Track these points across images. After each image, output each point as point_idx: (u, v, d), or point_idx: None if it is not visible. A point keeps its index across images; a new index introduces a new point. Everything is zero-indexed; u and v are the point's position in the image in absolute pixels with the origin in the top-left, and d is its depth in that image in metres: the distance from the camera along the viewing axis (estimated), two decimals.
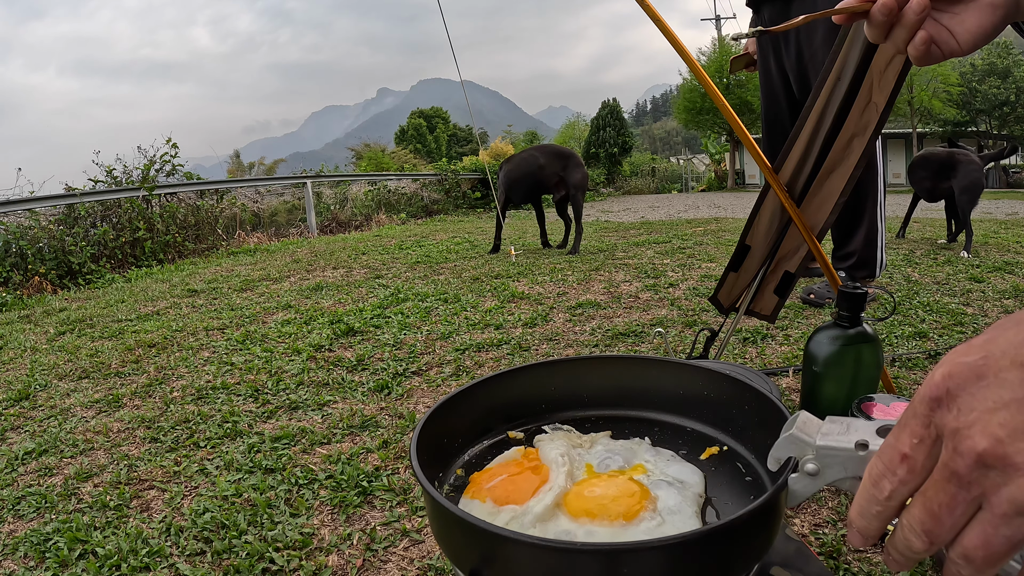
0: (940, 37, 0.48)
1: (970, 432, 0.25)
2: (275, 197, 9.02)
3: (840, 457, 0.36)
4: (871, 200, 2.21)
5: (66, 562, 1.01)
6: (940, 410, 0.27)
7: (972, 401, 0.26)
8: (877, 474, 0.30)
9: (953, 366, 0.27)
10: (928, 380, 0.28)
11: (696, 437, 0.64)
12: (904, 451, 0.28)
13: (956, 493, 0.27)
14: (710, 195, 13.72)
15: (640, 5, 1.15)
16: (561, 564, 0.40)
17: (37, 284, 4.52)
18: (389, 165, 21.60)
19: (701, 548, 0.40)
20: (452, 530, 0.47)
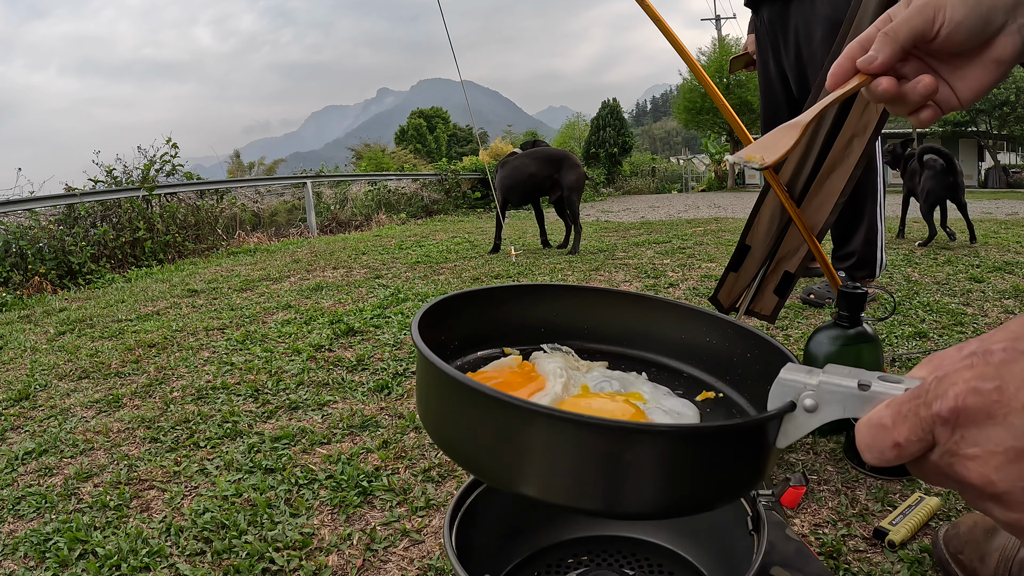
0: (941, 96, 0.46)
1: (968, 464, 0.27)
2: (275, 197, 9.03)
3: (840, 394, 0.36)
4: (871, 200, 2.21)
5: (66, 562, 1.01)
6: (943, 428, 0.28)
7: (977, 437, 0.27)
8: (865, 445, 0.31)
9: (969, 395, 0.27)
10: (941, 390, 0.28)
11: (693, 381, 0.63)
12: (898, 440, 0.30)
13: (944, 482, 0.30)
14: (710, 195, 13.72)
15: (640, 5, 1.15)
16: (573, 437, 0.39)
17: (37, 284, 4.52)
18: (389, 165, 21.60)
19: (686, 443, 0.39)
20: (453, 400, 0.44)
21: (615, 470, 0.39)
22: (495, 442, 0.42)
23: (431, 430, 0.48)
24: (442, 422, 0.47)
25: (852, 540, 0.94)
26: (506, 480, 0.42)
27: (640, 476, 0.39)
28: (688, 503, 0.42)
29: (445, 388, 0.45)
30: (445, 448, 0.47)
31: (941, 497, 1.02)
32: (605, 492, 0.39)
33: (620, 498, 0.39)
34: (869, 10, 1.08)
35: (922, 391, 0.29)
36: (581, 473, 0.40)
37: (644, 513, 0.42)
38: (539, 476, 0.41)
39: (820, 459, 1.18)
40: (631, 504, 0.40)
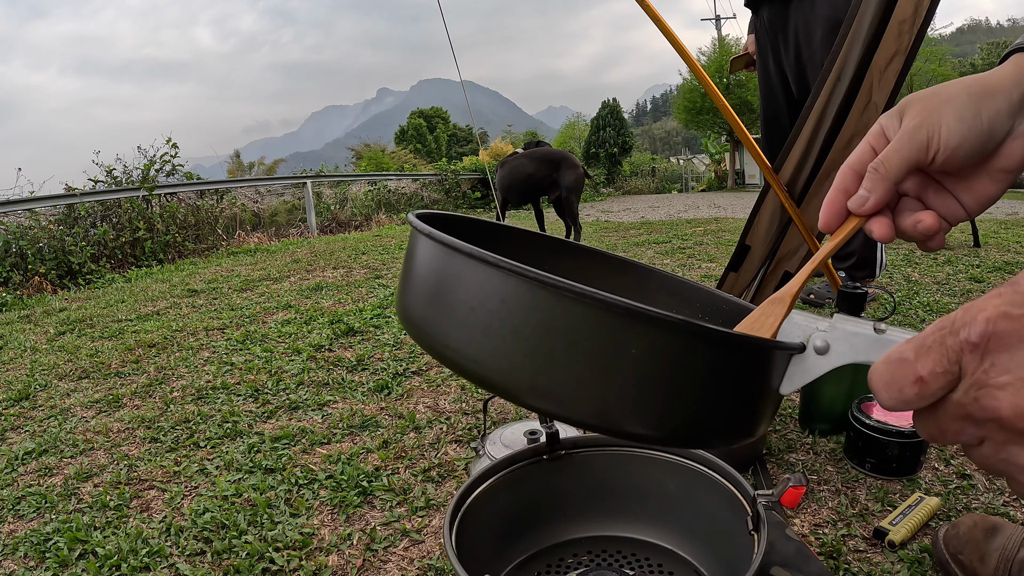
0: (947, 211, 0.42)
1: (997, 394, 0.25)
2: (275, 197, 9.03)
3: (853, 336, 0.34)
4: None
5: (66, 562, 1.01)
6: (971, 355, 0.26)
7: (1009, 364, 0.25)
8: (884, 383, 0.29)
9: (1000, 320, 0.25)
10: (969, 317, 0.26)
11: None
12: (921, 374, 0.27)
13: (966, 428, 0.27)
14: (710, 195, 13.72)
15: (640, 5, 1.15)
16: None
17: (37, 284, 4.52)
18: (389, 165, 21.60)
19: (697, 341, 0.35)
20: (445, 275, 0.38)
21: (617, 365, 0.34)
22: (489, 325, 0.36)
23: (413, 326, 0.41)
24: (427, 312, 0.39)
25: (852, 540, 0.94)
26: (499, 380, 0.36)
27: (641, 377, 0.34)
28: (684, 427, 0.37)
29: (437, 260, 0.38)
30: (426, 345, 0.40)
31: (941, 497, 1.02)
32: (601, 395, 0.35)
33: (616, 406, 0.35)
34: (869, 10, 1.08)
35: (947, 322, 0.27)
36: (579, 368, 0.34)
37: (638, 431, 0.36)
38: (539, 373, 0.35)
39: (820, 459, 1.18)
40: (626, 415, 0.35)
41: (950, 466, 1.13)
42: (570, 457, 0.76)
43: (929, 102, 0.39)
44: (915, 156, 0.39)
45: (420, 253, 0.41)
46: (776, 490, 0.62)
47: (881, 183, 0.40)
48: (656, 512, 0.75)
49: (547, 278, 0.34)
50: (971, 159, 0.39)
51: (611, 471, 0.76)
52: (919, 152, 0.39)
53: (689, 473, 0.72)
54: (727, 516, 0.67)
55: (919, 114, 0.39)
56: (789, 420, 1.34)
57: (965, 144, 0.38)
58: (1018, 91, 0.38)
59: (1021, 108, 0.38)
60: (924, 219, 0.41)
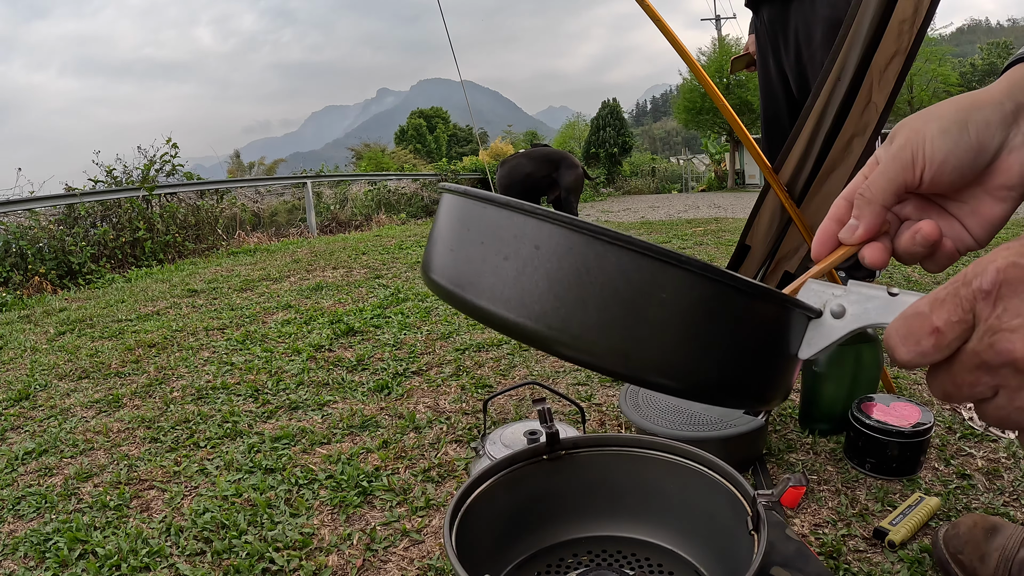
0: (952, 233, 0.40)
1: (1011, 337, 0.26)
2: (275, 197, 9.02)
3: (868, 298, 0.34)
4: None
5: (66, 562, 1.01)
6: (984, 302, 0.27)
7: (1021, 307, 0.26)
8: (900, 337, 0.29)
9: (1010, 268, 0.26)
10: (980, 268, 0.27)
11: None
12: (937, 324, 0.28)
13: (981, 377, 0.28)
14: (710, 195, 13.72)
15: (640, 5, 1.15)
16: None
17: (37, 284, 4.52)
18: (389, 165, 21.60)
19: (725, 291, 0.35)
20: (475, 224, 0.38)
21: (647, 310, 0.34)
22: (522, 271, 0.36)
23: (444, 283, 0.41)
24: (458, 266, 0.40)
25: (852, 540, 0.94)
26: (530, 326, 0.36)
27: (669, 322, 0.35)
28: (705, 380, 0.37)
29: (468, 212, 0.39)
30: (457, 300, 0.40)
31: (941, 497, 1.02)
32: (629, 340, 0.35)
33: (642, 352, 0.35)
34: (869, 10, 1.08)
35: (959, 276, 0.28)
36: (610, 312, 0.34)
37: (660, 380, 0.36)
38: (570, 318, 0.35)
39: (820, 459, 1.18)
40: (651, 362, 0.35)
41: (950, 466, 1.13)
42: (570, 457, 0.76)
43: (915, 122, 0.38)
44: (901, 176, 0.37)
45: (453, 212, 0.42)
46: (776, 490, 0.62)
47: (868, 208, 0.38)
48: (656, 512, 0.75)
49: (583, 223, 0.34)
50: (962, 175, 0.37)
51: (611, 471, 0.76)
52: (904, 171, 0.37)
53: (689, 473, 0.72)
54: (727, 516, 0.67)
55: (905, 135, 0.38)
56: (789, 420, 1.34)
57: (951, 159, 0.36)
58: (1011, 103, 0.36)
59: (1015, 119, 0.36)
60: (922, 227, 0.38)
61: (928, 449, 1.14)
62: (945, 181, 0.37)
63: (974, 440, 1.23)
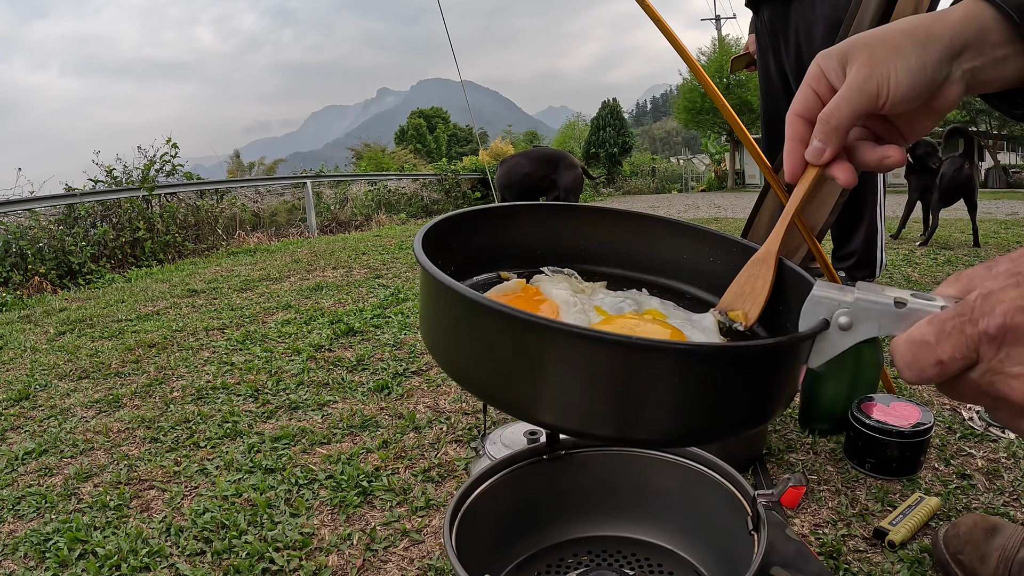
0: (887, 134, 0.46)
1: (1011, 382, 0.28)
2: (275, 197, 9.02)
3: (876, 311, 0.35)
4: (871, 200, 2.21)
5: (66, 562, 1.01)
6: (989, 345, 0.28)
7: (1023, 356, 0.27)
8: (906, 362, 0.31)
9: (1017, 313, 0.27)
10: (988, 308, 0.28)
11: (696, 302, 0.59)
12: (941, 358, 0.29)
13: (981, 400, 0.30)
14: (710, 195, 13.71)
15: (641, 6, 1.15)
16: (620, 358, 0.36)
17: (37, 284, 4.51)
18: (389, 165, 21.60)
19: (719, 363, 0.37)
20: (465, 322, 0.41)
21: (649, 392, 0.36)
22: (512, 365, 0.39)
23: (439, 357, 0.45)
24: (453, 347, 0.43)
25: (852, 540, 0.94)
26: (525, 407, 0.39)
27: (669, 399, 0.37)
28: (719, 428, 0.40)
29: (456, 308, 0.41)
30: (454, 375, 0.44)
31: (941, 497, 1.02)
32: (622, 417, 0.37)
33: (638, 426, 0.38)
34: (869, 10, 1.08)
35: (966, 308, 0.29)
36: (620, 397, 0.37)
37: (661, 440, 0.39)
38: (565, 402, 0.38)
39: (820, 459, 1.18)
40: (650, 432, 0.38)
41: (950, 466, 1.13)
42: (570, 457, 0.76)
43: (876, 51, 0.41)
44: (865, 106, 0.42)
45: (431, 296, 0.45)
46: (776, 490, 0.62)
47: (835, 134, 0.42)
48: (656, 512, 0.75)
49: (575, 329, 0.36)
50: (914, 105, 0.42)
51: (611, 471, 0.76)
52: (870, 103, 0.41)
53: (689, 473, 0.72)
54: (727, 516, 0.67)
55: (867, 64, 0.41)
56: (789, 420, 1.34)
57: (911, 93, 0.41)
58: (959, 41, 0.40)
59: (956, 55, 0.41)
60: (892, 155, 0.44)
61: (928, 449, 1.14)
62: (899, 109, 0.42)
63: (974, 440, 1.23)
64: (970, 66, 0.41)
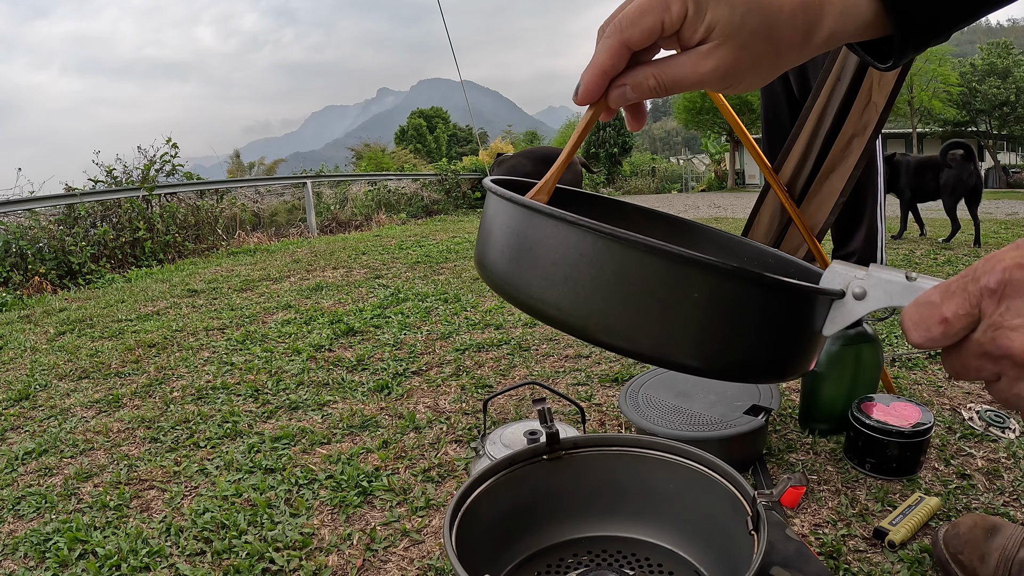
0: None
1: (1010, 335, 0.29)
2: (275, 197, 9.02)
3: (887, 282, 0.37)
4: (871, 200, 2.21)
5: (66, 562, 1.01)
6: (990, 299, 0.29)
7: (1022, 308, 0.28)
8: (912, 323, 0.32)
9: (1016, 269, 0.29)
10: (989, 266, 0.29)
11: None
12: (946, 315, 0.31)
13: (984, 364, 0.31)
14: (710, 195, 13.72)
15: None
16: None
17: (37, 284, 4.51)
18: (389, 165, 21.60)
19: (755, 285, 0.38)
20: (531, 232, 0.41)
21: (681, 307, 0.38)
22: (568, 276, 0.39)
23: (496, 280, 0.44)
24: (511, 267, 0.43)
25: (852, 540, 0.94)
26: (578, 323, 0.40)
27: (702, 318, 0.38)
28: (737, 363, 0.41)
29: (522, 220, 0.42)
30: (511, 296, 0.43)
31: (941, 497, 1.02)
32: (666, 333, 0.39)
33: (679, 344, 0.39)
34: None
35: (970, 271, 0.30)
36: (648, 311, 0.38)
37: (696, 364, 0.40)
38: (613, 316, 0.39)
39: (820, 459, 1.18)
40: (686, 352, 0.39)
41: (950, 466, 1.13)
42: (570, 457, 0.76)
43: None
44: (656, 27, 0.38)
45: (502, 216, 0.45)
46: (776, 490, 0.62)
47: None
48: (656, 512, 0.75)
49: (622, 234, 0.38)
50: None
51: (611, 471, 0.76)
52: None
53: (689, 473, 0.72)
54: (727, 516, 0.67)
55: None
56: (789, 420, 1.34)
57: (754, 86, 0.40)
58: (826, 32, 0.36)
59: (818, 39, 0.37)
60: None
61: (928, 449, 1.14)
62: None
63: (974, 440, 1.23)
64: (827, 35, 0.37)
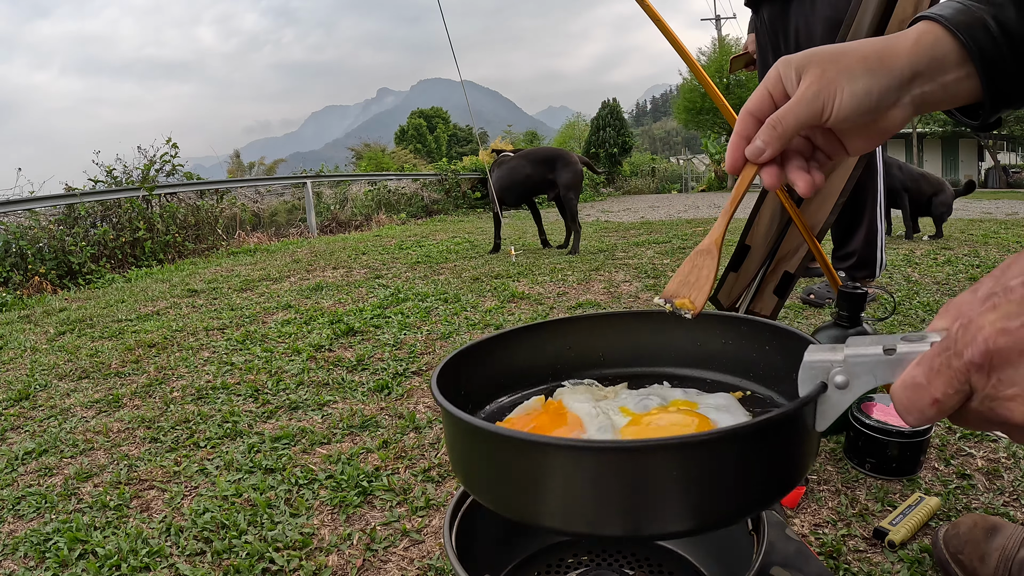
0: (830, 148, 0.48)
1: (1008, 405, 0.28)
2: (275, 197, 9.02)
3: (868, 364, 0.36)
4: (871, 200, 2.21)
5: (66, 562, 1.01)
6: (978, 375, 0.28)
7: (1014, 377, 0.27)
8: (904, 408, 0.31)
9: (999, 336, 0.27)
10: (969, 337, 0.28)
11: (717, 386, 0.62)
12: (936, 396, 0.30)
13: (988, 425, 0.30)
14: (710, 195, 13.72)
15: (641, 6, 1.15)
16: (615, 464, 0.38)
17: (37, 284, 4.51)
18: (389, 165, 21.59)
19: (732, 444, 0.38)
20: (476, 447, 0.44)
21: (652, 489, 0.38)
22: (522, 483, 0.42)
23: (461, 476, 0.49)
24: (470, 469, 0.47)
25: (852, 540, 0.94)
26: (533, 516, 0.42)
27: (674, 492, 0.38)
28: (738, 509, 0.41)
29: (467, 437, 0.46)
30: (474, 492, 0.48)
31: (941, 497, 1.02)
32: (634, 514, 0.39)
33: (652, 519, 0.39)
34: (869, 10, 1.08)
35: (950, 342, 0.29)
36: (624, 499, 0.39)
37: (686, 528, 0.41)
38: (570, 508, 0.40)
39: (820, 459, 1.18)
40: (670, 522, 0.39)
41: (950, 466, 1.13)
42: None
43: (828, 70, 0.43)
44: (810, 120, 0.44)
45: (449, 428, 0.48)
46: None
47: (777, 140, 0.45)
48: None
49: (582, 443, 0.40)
50: (858, 126, 0.44)
51: None
52: (814, 117, 0.43)
53: None
54: None
55: (817, 81, 0.43)
56: None
57: (854, 115, 0.43)
58: (910, 70, 0.42)
59: (907, 83, 0.42)
60: (817, 183, 0.47)
61: (928, 449, 1.14)
62: (842, 127, 0.44)
63: (974, 440, 1.23)
64: (919, 92, 0.42)
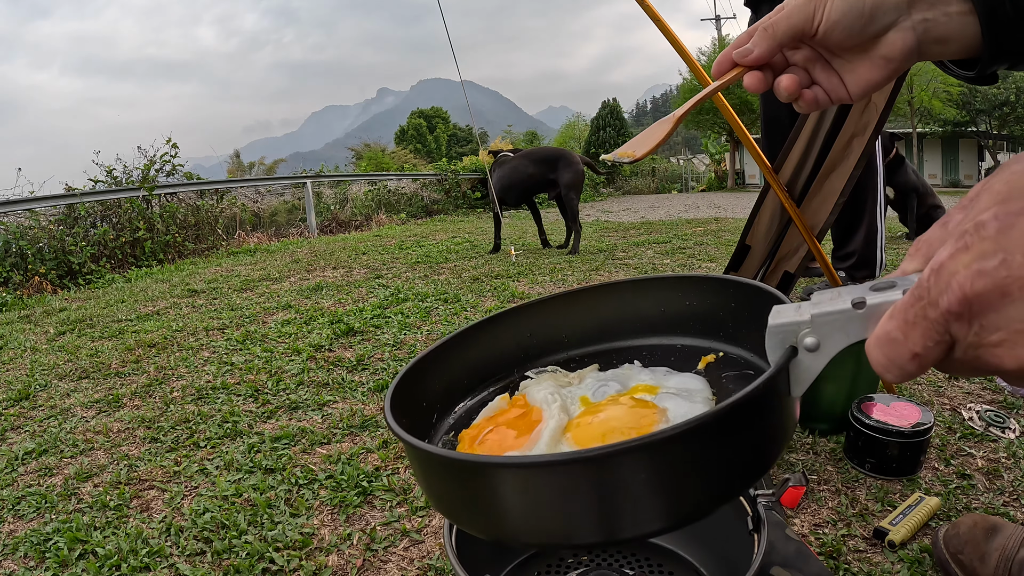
0: (830, 85, 0.47)
1: (996, 352, 0.25)
2: (275, 197, 9.02)
3: (839, 321, 0.33)
4: (871, 200, 2.21)
5: (66, 562, 1.01)
6: (958, 323, 0.26)
7: (998, 321, 0.25)
8: (883, 365, 0.29)
9: (975, 279, 0.25)
10: (943, 284, 0.26)
11: (688, 351, 0.59)
12: (915, 351, 0.27)
13: (979, 372, 0.28)
14: (710, 195, 13.72)
15: (641, 6, 1.15)
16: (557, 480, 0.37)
17: (37, 284, 4.51)
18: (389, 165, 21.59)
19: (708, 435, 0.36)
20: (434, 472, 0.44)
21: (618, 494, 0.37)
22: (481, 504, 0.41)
23: (432, 501, 0.48)
24: (433, 491, 0.47)
25: (852, 540, 0.94)
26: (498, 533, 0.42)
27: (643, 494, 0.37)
28: (713, 498, 0.39)
29: (421, 463, 0.45)
30: (443, 512, 0.47)
31: (941, 497, 1.02)
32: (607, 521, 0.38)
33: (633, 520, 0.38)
34: None
35: (923, 291, 0.27)
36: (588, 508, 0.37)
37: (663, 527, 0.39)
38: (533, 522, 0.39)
39: (820, 459, 1.18)
40: (645, 523, 0.38)
41: (950, 466, 1.13)
42: None
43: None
44: (801, 24, 0.44)
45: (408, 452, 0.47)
46: (776, 490, 0.62)
47: (766, 41, 0.45)
48: None
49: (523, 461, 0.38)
50: (850, 38, 0.43)
51: None
52: (805, 20, 0.43)
53: None
54: (727, 516, 0.67)
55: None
56: None
57: (844, 21, 0.42)
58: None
59: (908, 8, 0.41)
60: (783, 81, 0.46)
61: (928, 449, 1.14)
62: (835, 39, 0.44)
63: (974, 440, 1.23)
64: (921, 17, 0.41)
